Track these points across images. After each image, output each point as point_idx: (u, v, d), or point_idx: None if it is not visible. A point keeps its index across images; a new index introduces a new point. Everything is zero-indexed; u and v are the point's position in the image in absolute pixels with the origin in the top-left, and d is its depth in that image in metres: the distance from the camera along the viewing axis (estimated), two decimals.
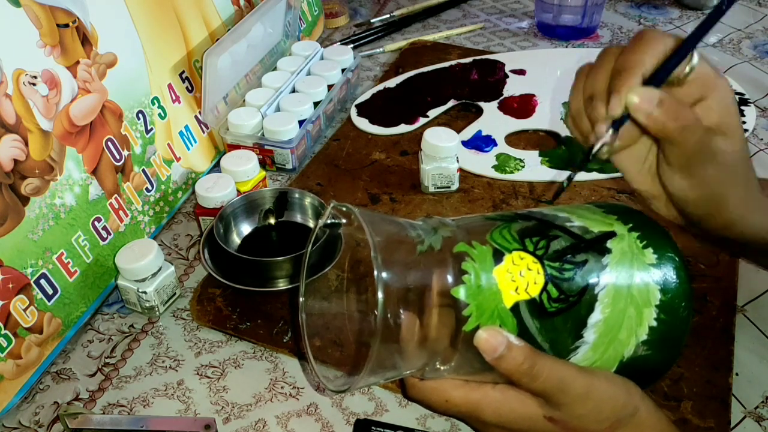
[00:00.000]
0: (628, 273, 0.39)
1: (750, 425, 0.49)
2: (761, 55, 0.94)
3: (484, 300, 0.37)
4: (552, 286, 0.38)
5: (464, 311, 0.36)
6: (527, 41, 1.01)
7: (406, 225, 0.39)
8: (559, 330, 0.38)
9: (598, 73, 0.40)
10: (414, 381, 0.42)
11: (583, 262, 0.38)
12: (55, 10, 0.56)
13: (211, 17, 0.77)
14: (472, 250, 0.38)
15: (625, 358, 0.39)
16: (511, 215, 0.41)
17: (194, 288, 0.61)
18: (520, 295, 0.37)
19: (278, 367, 0.55)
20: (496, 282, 0.37)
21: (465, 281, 0.37)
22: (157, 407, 0.52)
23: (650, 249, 0.40)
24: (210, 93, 0.71)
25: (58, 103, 0.56)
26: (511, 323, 0.37)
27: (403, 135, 0.80)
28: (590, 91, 0.41)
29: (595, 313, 0.38)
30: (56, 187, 0.55)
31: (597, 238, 0.40)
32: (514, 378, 0.37)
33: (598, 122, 0.40)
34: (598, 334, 0.38)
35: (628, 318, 0.38)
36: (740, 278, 0.59)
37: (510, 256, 0.38)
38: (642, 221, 0.41)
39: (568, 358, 0.39)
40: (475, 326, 0.36)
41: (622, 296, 0.38)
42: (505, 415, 0.40)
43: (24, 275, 0.52)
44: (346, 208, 0.38)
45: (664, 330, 0.39)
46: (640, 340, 0.39)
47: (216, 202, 0.63)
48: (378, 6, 1.14)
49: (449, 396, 0.41)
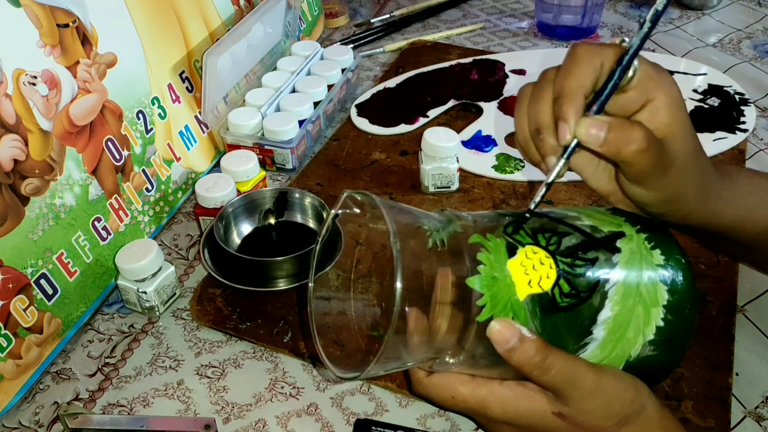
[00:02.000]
0: (637, 272, 0.39)
1: (750, 425, 0.49)
2: (761, 55, 0.94)
3: (498, 291, 0.37)
4: (564, 281, 0.38)
5: (479, 301, 0.37)
6: (527, 41, 1.01)
7: (421, 215, 0.40)
8: (569, 325, 0.38)
9: (540, 102, 0.40)
10: (420, 377, 0.42)
11: (594, 260, 0.39)
12: (55, 10, 0.56)
13: (211, 17, 0.77)
14: (487, 242, 0.38)
15: (632, 358, 0.39)
16: (524, 212, 0.41)
17: (194, 288, 0.61)
18: (533, 288, 0.37)
19: (278, 367, 0.55)
20: (510, 274, 0.37)
21: (480, 272, 0.37)
22: (157, 407, 0.52)
23: (658, 250, 0.40)
24: (210, 93, 0.71)
25: (58, 103, 0.56)
26: (523, 316, 0.37)
27: (403, 135, 0.80)
28: (535, 123, 0.40)
29: (605, 310, 0.38)
30: (56, 187, 0.55)
31: (607, 237, 0.40)
32: (525, 370, 0.37)
33: (548, 155, 0.40)
34: (607, 332, 0.38)
35: (636, 317, 0.38)
36: (740, 278, 0.59)
37: (523, 250, 0.38)
38: (649, 224, 0.42)
39: (577, 354, 0.39)
40: (488, 317, 0.37)
41: (631, 294, 0.39)
42: (513, 411, 0.40)
43: (24, 275, 0.52)
44: (362, 194, 0.39)
45: (670, 330, 0.39)
46: (647, 339, 0.39)
47: (216, 202, 0.63)
48: (378, 6, 1.14)
49: (456, 392, 0.41)
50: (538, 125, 0.40)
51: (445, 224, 0.39)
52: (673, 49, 0.96)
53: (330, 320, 0.43)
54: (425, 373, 0.42)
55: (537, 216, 0.41)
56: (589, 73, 0.38)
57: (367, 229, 0.45)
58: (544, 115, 0.40)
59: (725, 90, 0.83)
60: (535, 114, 0.40)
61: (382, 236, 0.46)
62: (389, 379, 0.52)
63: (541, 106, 0.40)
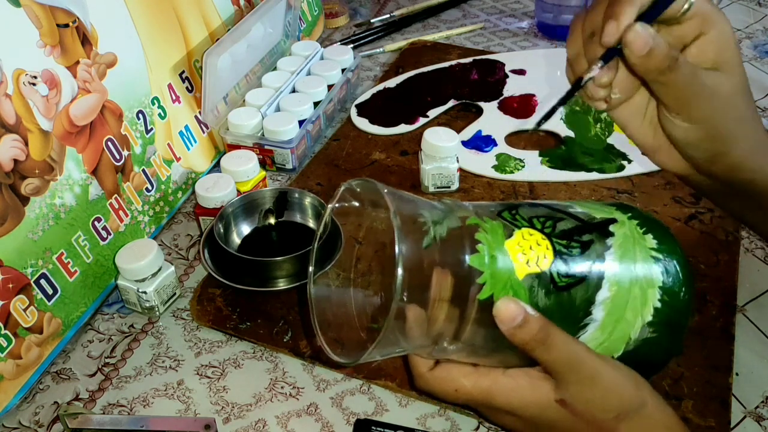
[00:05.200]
0: (631, 254, 0.40)
1: (750, 425, 0.49)
2: (761, 55, 0.94)
3: (498, 270, 0.37)
4: (561, 261, 0.39)
5: (479, 279, 0.37)
6: (527, 41, 1.01)
7: (420, 202, 0.40)
8: (569, 305, 0.39)
9: (599, 7, 0.40)
10: (421, 372, 0.42)
11: (589, 242, 0.40)
12: (55, 10, 0.56)
13: (211, 17, 0.77)
14: (484, 224, 0.39)
15: (632, 340, 0.40)
16: (519, 202, 0.43)
17: (194, 288, 0.61)
18: (532, 268, 0.38)
19: (278, 367, 0.55)
20: (508, 254, 0.38)
21: (479, 250, 0.37)
22: (157, 407, 0.52)
23: (650, 235, 0.41)
24: (210, 93, 0.71)
25: (58, 103, 0.56)
26: (523, 295, 0.38)
27: (403, 135, 0.80)
28: (590, 28, 0.41)
29: (603, 291, 0.39)
30: (56, 187, 0.55)
31: (600, 222, 0.41)
32: (528, 348, 0.37)
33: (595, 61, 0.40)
34: (606, 312, 0.39)
35: (633, 297, 0.39)
36: (740, 278, 0.59)
37: (519, 231, 0.39)
38: (639, 212, 0.43)
39: (578, 336, 0.39)
40: (489, 294, 0.37)
41: (627, 276, 0.39)
42: (516, 400, 0.40)
43: (24, 275, 0.52)
44: (362, 181, 0.39)
45: (668, 312, 0.40)
46: (645, 321, 0.40)
47: (216, 202, 0.63)
48: (378, 6, 1.14)
49: (459, 384, 0.41)
50: (594, 29, 0.40)
51: (444, 212, 0.40)
52: None
53: (330, 319, 0.43)
54: (427, 368, 0.42)
55: (532, 206, 0.42)
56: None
57: (367, 226, 0.46)
58: (602, 16, 0.40)
59: None
60: (592, 20, 0.40)
61: (382, 235, 0.46)
62: (389, 379, 0.52)
63: (598, 12, 0.40)
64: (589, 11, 0.41)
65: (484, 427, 0.50)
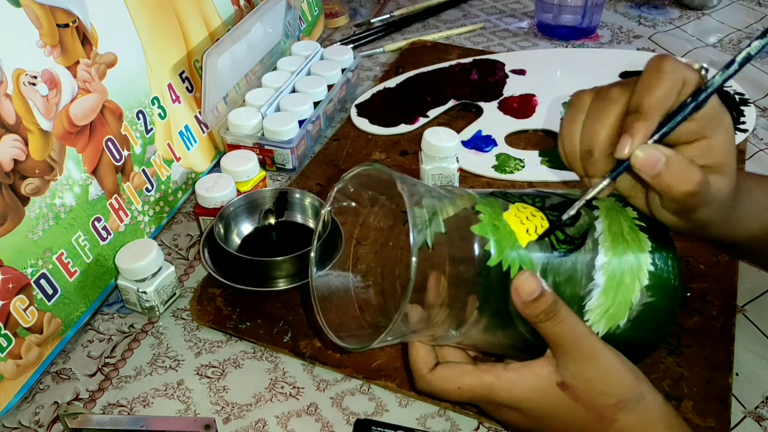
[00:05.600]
0: (617, 222, 0.42)
1: (750, 425, 0.49)
2: (761, 55, 0.94)
3: (502, 238, 0.39)
4: (556, 230, 0.40)
5: (485, 246, 0.38)
6: (527, 41, 1.01)
7: (422, 186, 0.41)
8: (572, 270, 0.40)
9: (601, 119, 0.38)
10: (422, 373, 0.42)
11: (577, 213, 0.41)
12: (55, 10, 0.56)
13: (211, 17, 0.77)
14: (481, 200, 0.41)
15: (634, 305, 0.41)
16: (505, 189, 0.44)
17: (194, 288, 0.61)
18: (531, 235, 0.39)
19: (278, 367, 0.55)
20: (508, 223, 0.39)
21: (481, 219, 0.39)
22: (157, 407, 0.52)
23: (629, 207, 0.43)
24: (210, 93, 0.71)
25: (58, 103, 0.56)
26: (529, 263, 0.39)
27: (403, 135, 0.80)
28: (588, 142, 0.39)
29: (600, 256, 0.40)
30: (56, 187, 0.55)
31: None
32: (538, 320, 0.38)
33: (595, 177, 0.40)
34: (607, 276, 0.40)
35: (628, 262, 0.41)
36: (740, 278, 0.59)
37: (514, 206, 0.41)
38: (617, 196, 0.44)
39: (585, 303, 0.40)
40: (498, 261, 0.38)
41: (618, 241, 0.41)
42: (519, 392, 0.40)
43: (24, 275, 0.52)
44: (367, 167, 0.39)
45: (662, 276, 0.41)
46: (643, 285, 0.41)
47: (216, 202, 0.63)
48: (378, 6, 1.14)
49: (461, 382, 0.41)
50: (591, 146, 0.38)
51: (440, 194, 0.41)
52: (673, 49, 0.96)
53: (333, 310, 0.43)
54: (428, 369, 0.42)
55: (520, 192, 0.44)
56: (672, 93, 0.36)
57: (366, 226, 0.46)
58: (602, 136, 0.38)
59: (725, 90, 0.82)
60: (592, 132, 0.38)
61: (381, 234, 0.46)
62: (389, 379, 0.52)
63: (600, 125, 0.38)
64: (589, 118, 0.39)
65: (484, 427, 0.50)
